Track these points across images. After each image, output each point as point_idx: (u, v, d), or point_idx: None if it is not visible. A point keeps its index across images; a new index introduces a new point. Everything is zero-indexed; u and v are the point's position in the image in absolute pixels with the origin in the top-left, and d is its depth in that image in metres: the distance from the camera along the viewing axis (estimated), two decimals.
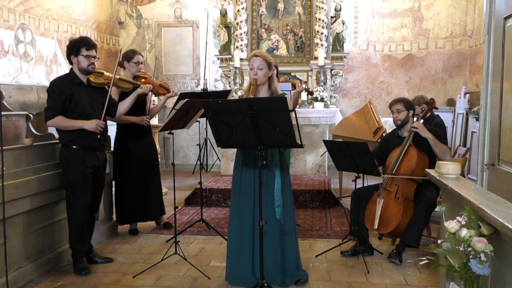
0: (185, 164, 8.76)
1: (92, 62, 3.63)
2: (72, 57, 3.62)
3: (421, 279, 3.46)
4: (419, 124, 3.87)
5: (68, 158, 3.61)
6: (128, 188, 4.54)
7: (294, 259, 3.34)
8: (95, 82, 3.72)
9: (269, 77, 3.29)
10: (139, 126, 4.53)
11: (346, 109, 8.40)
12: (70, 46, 3.62)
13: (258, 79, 3.21)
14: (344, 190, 6.25)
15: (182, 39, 8.93)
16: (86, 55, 3.58)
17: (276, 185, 3.20)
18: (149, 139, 4.71)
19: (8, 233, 3.08)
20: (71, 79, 3.63)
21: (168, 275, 3.57)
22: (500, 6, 2.92)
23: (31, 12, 6.46)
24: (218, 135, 2.97)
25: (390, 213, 3.75)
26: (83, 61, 3.59)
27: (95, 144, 3.67)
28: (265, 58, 3.25)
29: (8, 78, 5.99)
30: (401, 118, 3.99)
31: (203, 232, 4.68)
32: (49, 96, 3.57)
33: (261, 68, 3.22)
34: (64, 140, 3.62)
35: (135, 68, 4.52)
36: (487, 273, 1.72)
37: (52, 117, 3.52)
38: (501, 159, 2.90)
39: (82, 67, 3.61)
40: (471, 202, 1.86)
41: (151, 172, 4.63)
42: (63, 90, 3.54)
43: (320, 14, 7.58)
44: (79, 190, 3.60)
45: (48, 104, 3.56)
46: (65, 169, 3.64)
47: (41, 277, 3.51)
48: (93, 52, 3.63)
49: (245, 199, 3.27)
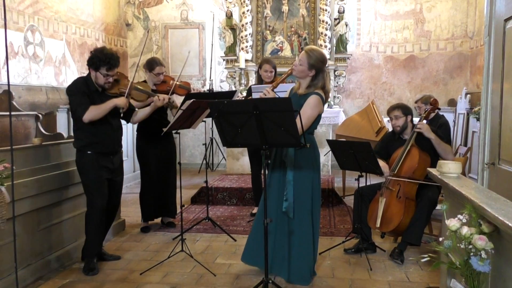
0: (191, 163, 8.82)
1: (109, 81, 3.58)
2: (91, 70, 3.56)
3: (422, 276, 3.49)
4: (423, 125, 3.87)
5: (83, 162, 3.59)
6: (151, 188, 4.67)
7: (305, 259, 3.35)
8: (110, 92, 3.67)
9: (313, 75, 3.27)
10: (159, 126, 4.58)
11: (349, 109, 8.44)
12: (91, 59, 3.54)
13: (296, 72, 3.29)
14: (347, 189, 6.29)
15: (189, 41, 8.98)
16: (105, 74, 3.54)
17: (288, 177, 3.25)
18: (168, 139, 4.68)
19: (18, 231, 3.08)
20: (89, 84, 3.58)
21: (174, 272, 3.60)
22: (501, 8, 2.91)
23: (40, 14, 6.53)
24: (223, 135, 2.98)
25: (392, 212, 3.76)
26: (100, 78, 3.55)
27: (109, 149, 3.67)
28: (309, 55, 3.26)
29: (17, 79, 6.05)
30: (400, 124, 4.01)
31: (209, 230, 4.72)
32: (74, 96, 3.52)
33: (301, 64, 3.25)
34: (79, 146, 3.61)
35: (156, 79, 4.58)
36: (487, 270, 1.73)
37: (86, 110, 3.46)
38: (502, 159, 2.89)
39: (98, 83, 3.58)
40: (472, 200, 1.87)
41: (169, 172, 4.73)
42: (84, 91, 3.52)
43: (324, 16, 7.63)
44: (95, 194, 3.59)
45: (76, 102, 3.51)
46: (81, 173, 3.63)
47: (50, 274, 3.54)
48: (113, 72, 3.57)
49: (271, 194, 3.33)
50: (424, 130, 3.84)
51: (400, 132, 4.04)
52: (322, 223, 4.92)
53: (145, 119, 4.05)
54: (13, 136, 3.13)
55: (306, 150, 3.16)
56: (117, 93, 3.70)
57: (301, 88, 3.32)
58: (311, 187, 3.32)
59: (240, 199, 5.83)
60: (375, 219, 3.82)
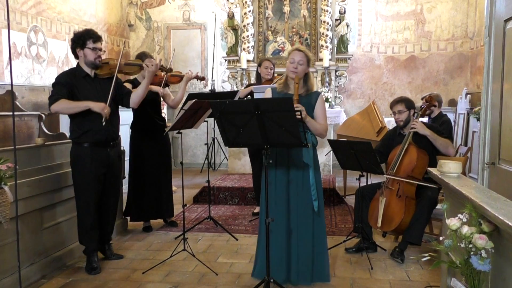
0: (194, 163, 8.86)
1: (99, 55, 3.53)
2: (78, 50, 3.53)
3: (423, 275, 3.50)
4: (417, 123, 3.87)
5: (77, 155, 3.55)
6: (142, 186, 4.62)
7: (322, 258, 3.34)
8: (100, 74, 3.61)
9: (305, 73, 3.28)
10: (154, 125, 4.57)
11: (350, 110, 8.47)
12: (76, 38, 3.52)
13: (297, 73, 3.20)
14: (348, 188, 6.31)
15: (191, 41, 9.02)
16: (92, 47, 3.50)
17: (311, 180, 3.20)
18: (164, 138, 4.68)
19: (21, 230, 3.11)
20: (76, 73, 3.55)
21: (176, 271, 3.61)
22: (501, 9, 2.92)
23: (43, 14, 6.56)
24: (225, 135, 2.99)
25: (393, 211, 3.77)
26: (89, 54, 3.51)
27: (105, 137, 3.58)
28: (306, 54, 3.26)
29: (20, 79, 6.09)
30: (403, 118, 4.00)
31: (211, 229, 4.74)
32: (53, 87, 3.48)
33: (301, 64, 3.21)
34: (74, 136, 3.56)
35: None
36: (487, 269, 1.73)
37: (55, 101, 3.40)
38: (502, 158, 2.90)
39: (89, 60, 3.52)
40: (472, 200, 1.87)
41: (163, 171, 4.70)
42: (66, 82, 3.46)
43: (325, 17, 7.64)
44: (83, 189, 3.55)
45: (51, 93, 3.47)
46: (73, 166, 3.59)
47: (53, 273, 3.55)
48: (99, 45, 3.54)
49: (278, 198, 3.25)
50: (419, 128, 3.84)
51: (403, 126, 4.03)
52: None
53: (139, 114, 3.98)
54: (16, 136, 3.15)
55: (311, 150, 3.19)
56: (109, 73, 3.62)
57: (300, 88, 3.25)
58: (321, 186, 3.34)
59: (242, 199, 5.85)
60: (376, 219, 3.84)
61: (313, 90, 3.31)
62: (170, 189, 4.82)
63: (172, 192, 4.88)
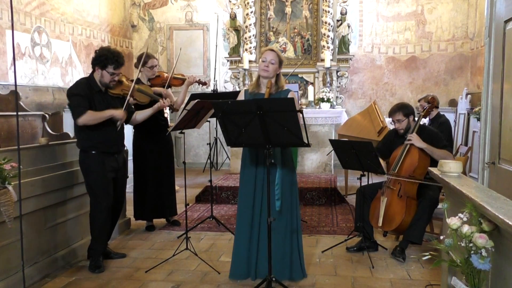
0: (196, 162, 8.88)
1: (114, 80, 3.57)
2: (97, 68, 3.54)
3: (424, 274, 3.52)
4: (413, 136, 3.82)
5: (87, 162, 3.58)
6: (145, 186, 4.64)
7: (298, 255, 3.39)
8: (112, 92, 3.65)
9: (277, 74, 3.36)
10: (157, 126, 4.58)
11: (351, 110, 8.48)
12: (98, 57, 3.52)
13: (268, 72, 3.28)
14: (349, 188, 6.33)
15: (193, 42, 9.05)
16: (111, 73, 3.53)
17: (277, 179, 3.24)
18: (166, 138, 4.70)
19: (24, 229, 3.10)
20: (91, 85, 3.56)
21: (179, 270, 3.63)
22: (501, 10, 2.94)
23: (46, 15, 6.60)
24: (227, 135, 3.01)
25: (394, 211, 3.79)
26: (106, 76, 3.53)
27: (113, 149, 3.67)
28: (278, 54, 3.34)
29: (24, 80, 6.11)
30: (403, 126, 3.99)
31: (213, 228, 4.75)
32: (73, 97, 3.49)
33: (273, 63, 3.28)
34: (83, 146, 3.59)
35: (150, 72, 4.59)
36: (488, 268, 1.74)
37: (82, 114, 3.43)
38: (502, 158, 2.92)
39: (104, 81, 3.56)
40: (472, 199, 1.87)
41: (166, 171, 4.72)
42: (86, 94, 3.50)
43: (327, 18, 7.67)
44: (100, 194, 3.59)
45: (73, 104, 3.49)
46: (85, 173, 3.61)
47: (56, 272, 3.57)
48: (119, 71, 3.56)
49: (247, 196, 3.35)
50: (415, 141, 3.81)
51: (404, 133, 4.01)
52: (324, 222, 4.98)
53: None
54: (20, 136, 3.15)
55: (288, 149, 3.30)
56: (120, 94, 3.68)
57: (272, 87, 3.31)
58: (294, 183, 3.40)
59: None
60: (377, 218, 3.85)
61: (283, 89, 3.37)
62: (173, 189, 4.84)
63: (175, 192, 4.90)
